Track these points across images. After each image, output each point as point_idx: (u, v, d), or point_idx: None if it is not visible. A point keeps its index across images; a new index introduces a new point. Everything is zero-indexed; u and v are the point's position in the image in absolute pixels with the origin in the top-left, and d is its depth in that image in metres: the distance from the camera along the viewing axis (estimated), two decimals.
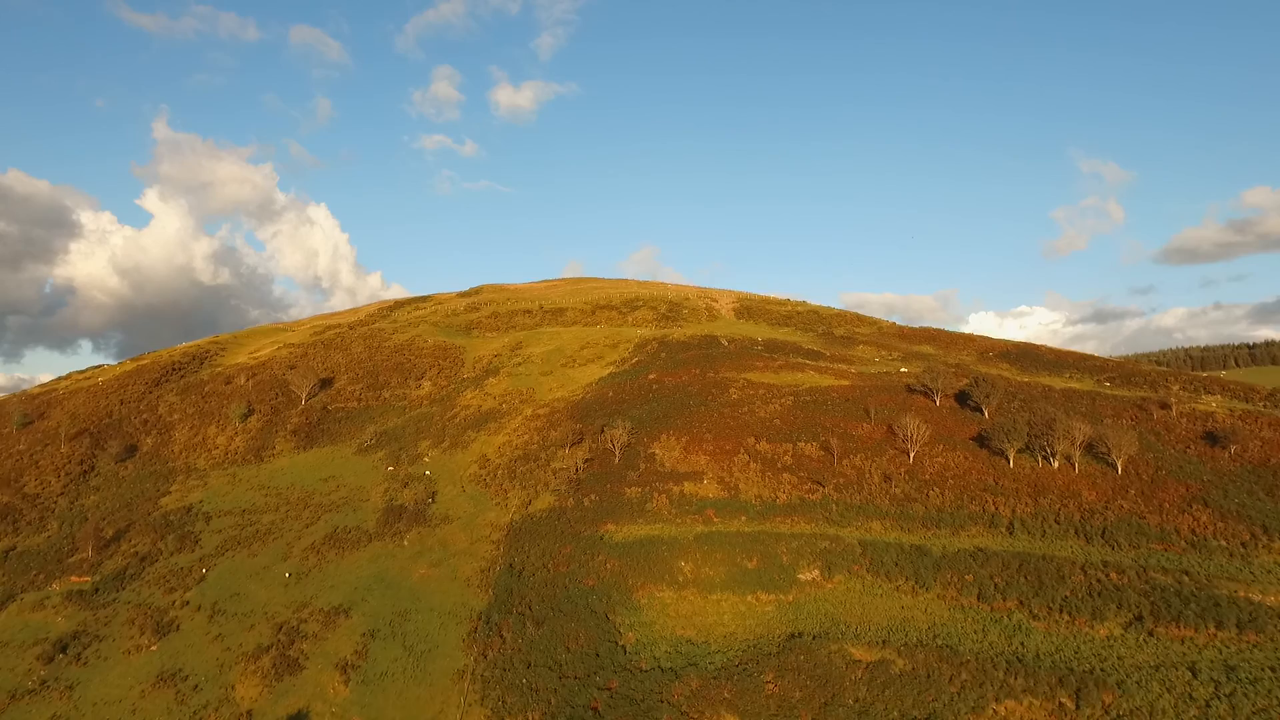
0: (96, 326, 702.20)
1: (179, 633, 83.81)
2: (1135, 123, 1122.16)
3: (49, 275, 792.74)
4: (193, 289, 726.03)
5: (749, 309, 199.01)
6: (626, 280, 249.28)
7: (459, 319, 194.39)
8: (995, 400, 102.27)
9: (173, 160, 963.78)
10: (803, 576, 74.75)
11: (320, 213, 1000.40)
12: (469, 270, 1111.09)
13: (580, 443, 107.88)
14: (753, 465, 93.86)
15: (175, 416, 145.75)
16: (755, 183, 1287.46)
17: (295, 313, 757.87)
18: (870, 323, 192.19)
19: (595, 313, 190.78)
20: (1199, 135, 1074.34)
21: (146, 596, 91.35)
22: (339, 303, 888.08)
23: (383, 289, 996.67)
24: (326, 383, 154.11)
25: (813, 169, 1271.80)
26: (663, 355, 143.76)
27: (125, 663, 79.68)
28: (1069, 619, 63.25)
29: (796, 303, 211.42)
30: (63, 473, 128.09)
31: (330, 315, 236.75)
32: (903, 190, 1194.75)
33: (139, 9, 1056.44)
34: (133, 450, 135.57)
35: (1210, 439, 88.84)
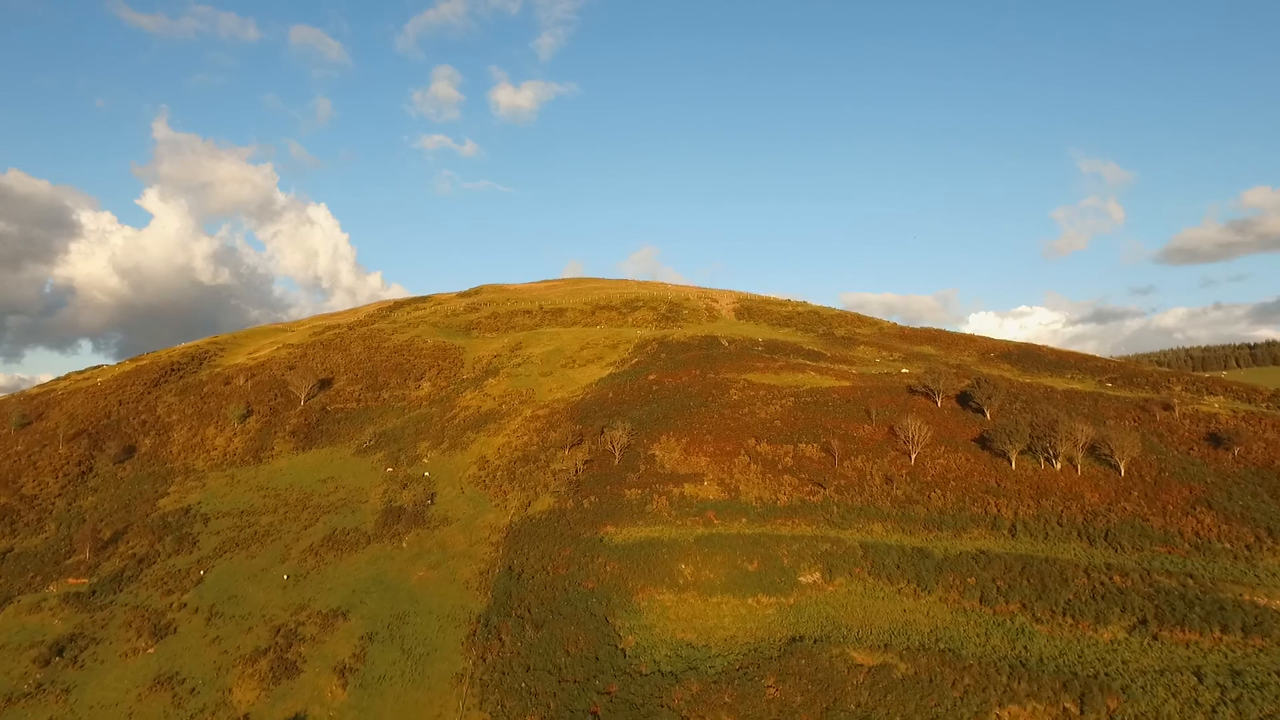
0: (96, 326, 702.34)
1: (176, 635, 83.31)
2: (1135, 123, 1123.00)
3: (49, 275, 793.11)
4: (193, 289, 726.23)
5: (749, 309, 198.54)
6: (626, 280, 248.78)
7: (458, 319, 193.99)
8: (997, 401, 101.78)
9: (173, 160, 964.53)
10: (804, 579, 74.24)
11: (320, 213, 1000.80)
12: (469, 270, 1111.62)
13: (580, 444, 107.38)
14: (753, 467, 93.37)
15: (174, 417, 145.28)
16: (755, 183, 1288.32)
17: (295, 313, 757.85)
18: (871, 323, 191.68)
19: (595, 313, 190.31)
20: (1199, 135, 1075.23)
21: (144, 599, 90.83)
22: (339, 303, 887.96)
23: (383, 289, 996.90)
24: (325, 383, 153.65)
25: (813, 169, 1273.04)
26: (663, 356, 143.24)
27: (122, 665, 79.19)
28: (1072, 622, 62.72)
29: (797, 303, 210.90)
30: (61, 474, 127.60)
31: (329, 315, 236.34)
32: (903, 190, 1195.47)
33: (139, 9, 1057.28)
34: (131, 451, 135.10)
35: (1213, 440, 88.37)
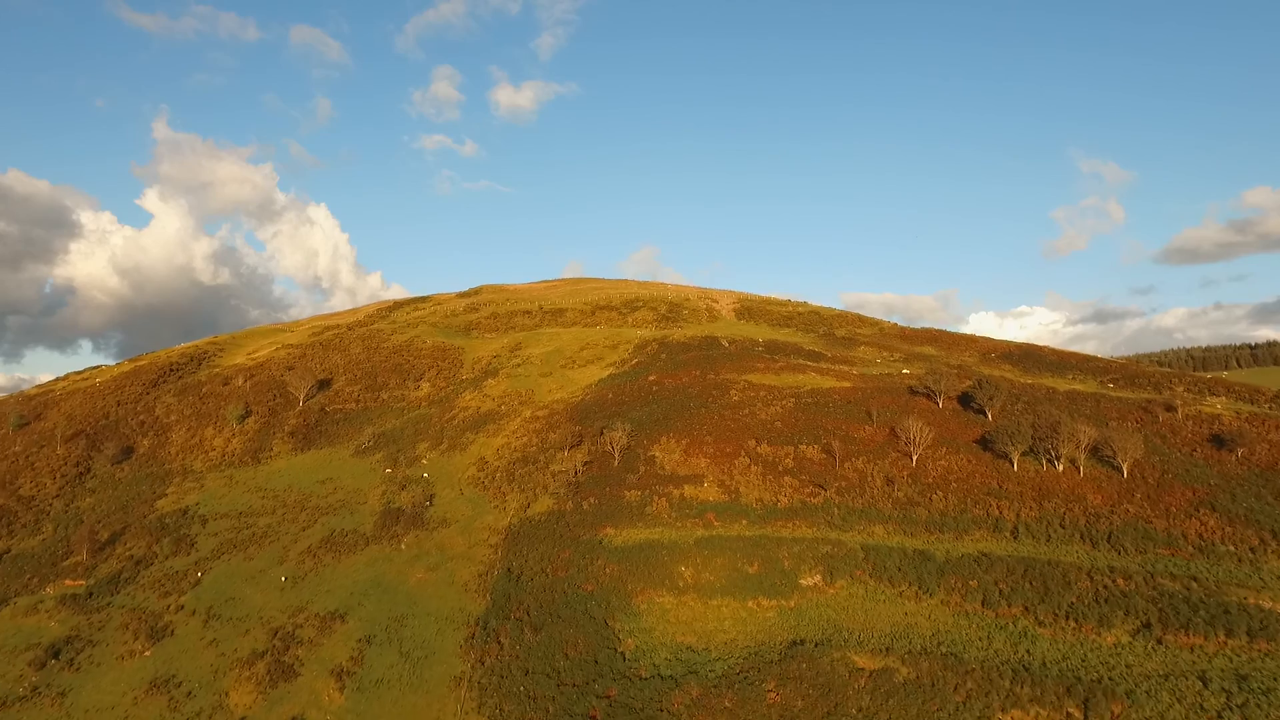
0: (96, 326, 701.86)
1: (173, 638, 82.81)
2: (1135, 123, 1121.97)
3: (49, 275, 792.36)
4: (193, 289, 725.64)
5: (749, 310, 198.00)
6: (626, 281, 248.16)
7: (458, 319, 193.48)
8: (999, 402, 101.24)
9: (173, 160, 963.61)
10: (804, 582, 73.73)
11: (320, 213, 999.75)
12: (469, 270, 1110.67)
13: (579, 445, 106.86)
14: (754, 468, 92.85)
15: (172, 418, 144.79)
16: (755, 183, 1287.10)
17: (295, 313, 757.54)
18: (871, 323, 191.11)
19: (595, 313, 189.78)
20: (1199, 135, 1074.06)
21: (141, 601, 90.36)
22: (339, 303, 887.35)
23: (383, 289, 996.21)
24: (324, 384, 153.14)
25: (813, 169, 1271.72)
26: (663, 356, 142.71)
27: (118, 668, 78.70)
28: (1075, 626, 62.17)
29: (797, 303, 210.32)
30: (58, 475, 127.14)
31: (329, 316, 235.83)
32: (903, 190, 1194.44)
33: (139, 9, 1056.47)
34: (129, 452, 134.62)
35: (1217, 442, 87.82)
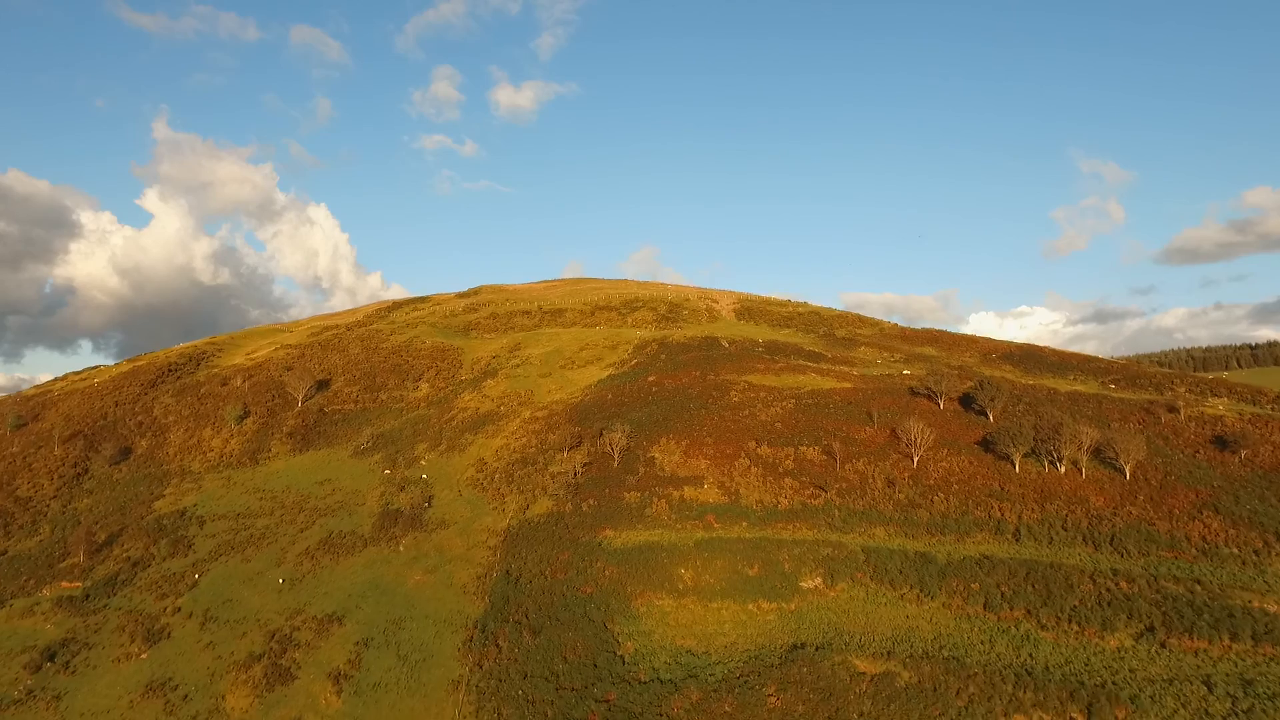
0: (96, 326, 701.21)
1: (170, 640, 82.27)
2: (1135, 123, 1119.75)
3: (49, 275, 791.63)
4: (193, 289, 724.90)
5: (749, 310, 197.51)
6: (626, 281, 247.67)
7: (457, 320, 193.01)
8: (1000, 403, 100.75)
9: (173, 160, 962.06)
10: (805, 584, 73.24)
11: (320, 213, 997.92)
12: (469, 270, 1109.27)
13: (579, 446, 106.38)
14: (754, 470, 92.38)
15: (170, 418, 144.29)
16: (755, 183, 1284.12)
17: (295, 313, 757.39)
18: (872, 324, 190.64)
19: (594, 314, 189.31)
20: (1199, 135, 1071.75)
21: (138, 603, 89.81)
22: (339, 303, 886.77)
23: (383, 289, 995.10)
24: (323, 384, 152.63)
25: (813, 169, 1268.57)
26: (662, 357, 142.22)
27: (114, 671, 78.17)
28: (1078, 629, 61.70)
29: (797, 304, 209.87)
30: (56, 475, 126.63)
31: (328, 316, 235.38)
32: (903, 190, 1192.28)
33: (139, 9, 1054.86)
34: (127, 453, 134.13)
35: (1220, 443, 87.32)
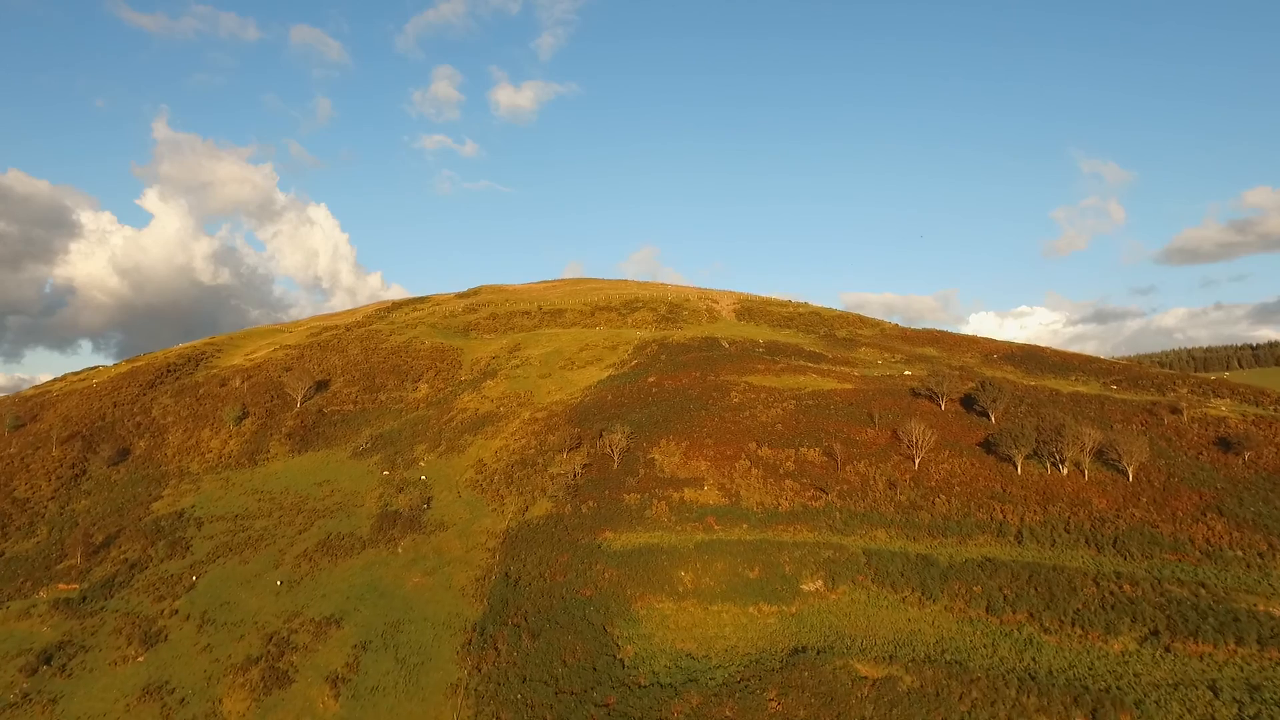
0: (96, 326, 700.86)
1: (167, 643, 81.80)
2: (1135, 123, 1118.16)
3: (49, 275, 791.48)
4: (193, 289, 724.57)
5: (750, 310, 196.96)
6: (626, 281, 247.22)
7: (457, 320, 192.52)
8: (1002, 404, 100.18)
9: (173, 160, 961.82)
10: (806, 587, 72.71)
11: (320, 213, 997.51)
12: (469, 270, 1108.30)
13: (578, 447, 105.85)
14: (754, 471, 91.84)
15: (169, 419, 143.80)
16: (755, 183, 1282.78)
17: (295, 313, 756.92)
18: (872, 324, 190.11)
19: (594, 314, 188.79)
20: (1199, 135, 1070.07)
21: (135, 605, 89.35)
22: (339, 303, 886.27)
23: (383, 289, 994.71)
24: (322, 385, 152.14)
25: (813, 169, 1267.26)
26: (663, 358, 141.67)
27: (111, 674, 77.68)
28: (1082, 633, 61.15)
29: (798, 304, 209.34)
30: (53, 476, 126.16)
31: (327, 316, 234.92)
32: (903, 190, 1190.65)
33: (139, 9, 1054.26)
34: (125, 454, 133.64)
35: (1223, 445, 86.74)
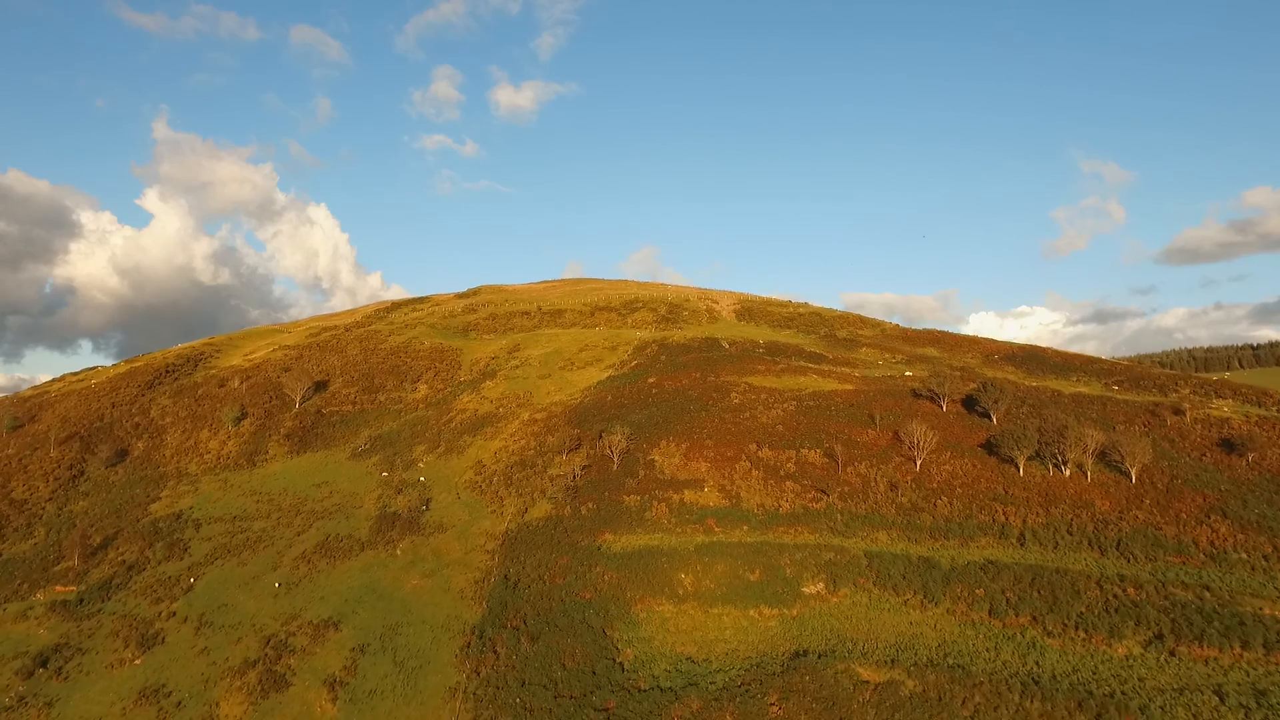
0: (96, 326, 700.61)
1: (164, 646, 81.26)
2: (1135, 123, 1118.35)
3: (49, 275, 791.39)
4: (193, 289, 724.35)
5: (750, 310, 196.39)
6: (626, 281, 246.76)
7: (456, 320, 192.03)
8: (1004, 406, 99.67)
9: (173, 160, 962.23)
10: (807, 589, 72.21)
11: (320, 213, 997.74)
12: (469, 270, 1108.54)
13: (578, 449, 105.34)
14: (755, 473, 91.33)
15: (167, 420, 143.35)
16: (755, 183, 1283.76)
17: (295, 313, 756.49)
18: (873, 325, 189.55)
19: (594, 314, 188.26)
20: (1199, 135, 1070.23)
21: (132, 607, 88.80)
22: (339, 303, 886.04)
23: (383, 289, 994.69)
24: (321, 386, 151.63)
25: (813, 169, 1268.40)
26: (662, 358, 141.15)
27: (107, 677, 77.16)
28: (1085, 636, 60.64)
29: (798, 304, 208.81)
30: (51, 478, 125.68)
31: (327, 317, 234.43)
32: (903, 190, 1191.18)
33: (139, 9, 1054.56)
34: (123, 455, 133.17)
35: (1227, 446, 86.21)
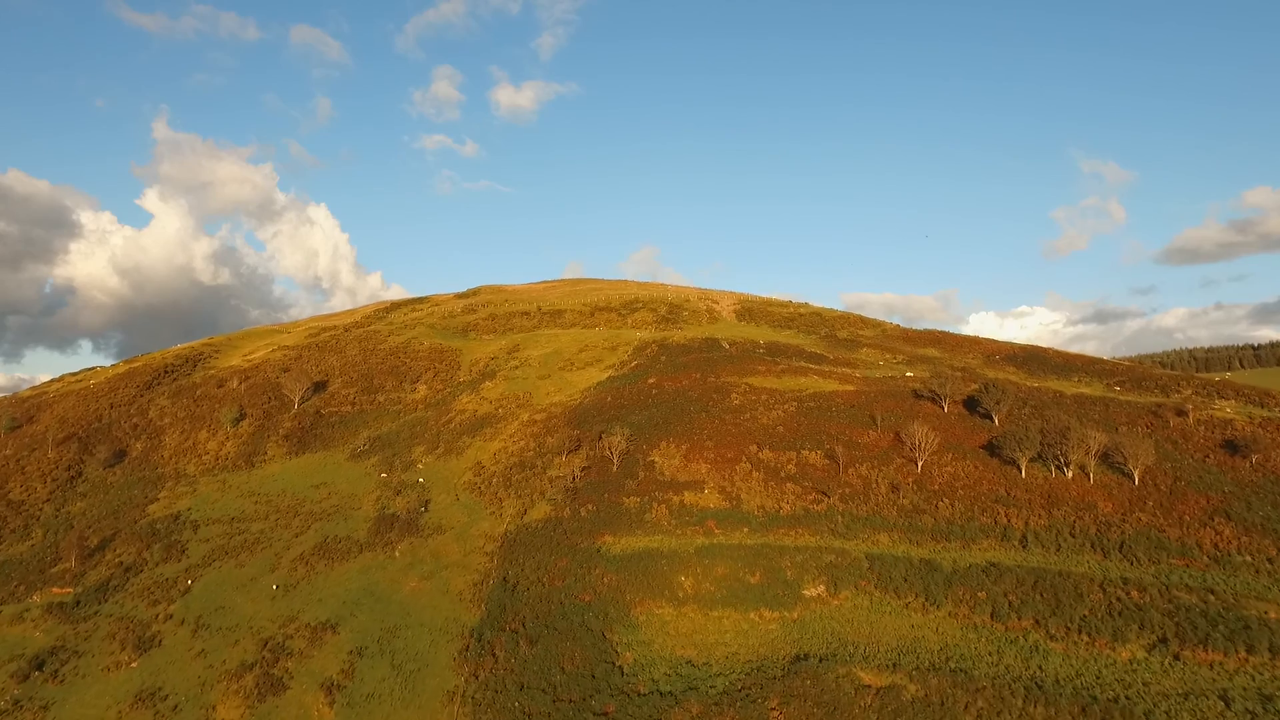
0: (96, 326, 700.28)
1: (161, 648, 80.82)
2: (1135, 123, 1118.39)
3: (49, 275, 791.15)
4: (193, 289, 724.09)
5: (750, 311, 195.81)
6: (626, 281, 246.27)
7: (456, 321, 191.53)
8: (1005, 407, 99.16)
9: (173, 160, 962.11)
10: (808, 592, 71.71)
11: (320, 213, 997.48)
12: (469, 271, 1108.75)
13: (578, 450, 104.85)
14: (755, 474, 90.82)
15: (166, 420, 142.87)
16: (755, 183, 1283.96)
17: (295, 313, 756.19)
18: (874, 325, 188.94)
19: (594, 314, 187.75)
20: (1199, 135, 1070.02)
21: (129, 609, 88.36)
22: (339, 303, 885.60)
23: (383, 289, 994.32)
24: (320, 386, 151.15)
25: (813, 169, 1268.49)
26: (662, 359, 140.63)
27: (104, 680, 76.71)
28: (1088, 640, 60.13)
29: (799, 304, 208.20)
30: (49, 478, 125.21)
31: (326, 317, 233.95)
32: (903, 190, 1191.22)
33: (139, 9, 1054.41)
34: (121, 455, 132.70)
35: (1230, 448, 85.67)
